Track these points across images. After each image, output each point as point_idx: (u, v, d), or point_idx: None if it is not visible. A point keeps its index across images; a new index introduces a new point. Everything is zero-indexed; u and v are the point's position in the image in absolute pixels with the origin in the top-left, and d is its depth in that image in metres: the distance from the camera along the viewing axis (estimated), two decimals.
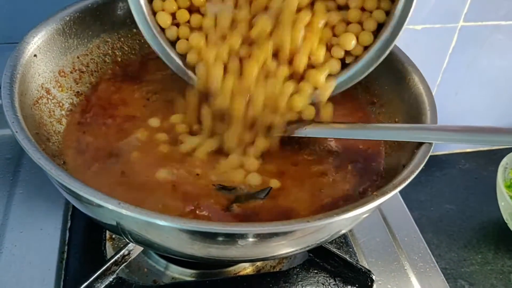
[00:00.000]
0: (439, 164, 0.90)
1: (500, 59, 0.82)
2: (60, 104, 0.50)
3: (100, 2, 0.54)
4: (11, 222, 0.54)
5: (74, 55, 0.53)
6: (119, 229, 0.38)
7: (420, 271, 0.55)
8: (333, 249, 0.52)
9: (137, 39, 0.57)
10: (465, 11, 0.74)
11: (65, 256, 0.52)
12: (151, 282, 0.51)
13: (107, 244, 0.53)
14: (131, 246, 0.49)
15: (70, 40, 0.52)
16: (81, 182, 0.36)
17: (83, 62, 0.54)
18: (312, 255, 0.53)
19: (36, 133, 0.44)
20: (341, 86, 0.50)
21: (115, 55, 0.57)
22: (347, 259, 0.52)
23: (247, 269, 0.53)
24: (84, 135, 0.49)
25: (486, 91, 0.86)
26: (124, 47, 0.57)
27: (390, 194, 0.38)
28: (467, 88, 0.85)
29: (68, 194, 0.39)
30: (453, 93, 0.85)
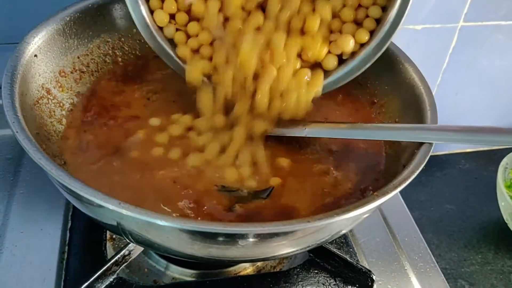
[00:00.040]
0: (439, 164, 0.90)
1: (500, 59, 0.82)
2: (61, 104, 0.50)
3: (100, 2, 0.54)
4: (12, 222, 0.54)
5: (75, 55, 0.53)
6: (119, 229, 0.38)
7: (420, 271, 0.55)
8: (333, 249, 0.52)
9: (137, 39, 0.57)
10: (465, 11, 0.74)
11: (65, 256, 0.52)
12: (151, 282, 0.51)
13: (107, 244, 0.53)
14: (132, 246, 0.49)
15: (71, 40, 0.52)
16: (81, 182, 0.36)
17: (83, 62, 0.54)
18: (312, 255, 0.53)
19: (37, 133, 0.44)
20: (338, 81, 0.50)
21: (115, 55, 0.57)
22: (348, 259, 0.52)
23: (247, 269, 0.53)
24: (85, 135, 0.49)
25: (486, 91, 0.86)
26: (124, 47, 0.57)
27: (391, 194, 0.38)
28: (467, 88, 0.85)
29: (68, 194, 0.39)
30: (453, 93, 0.85)
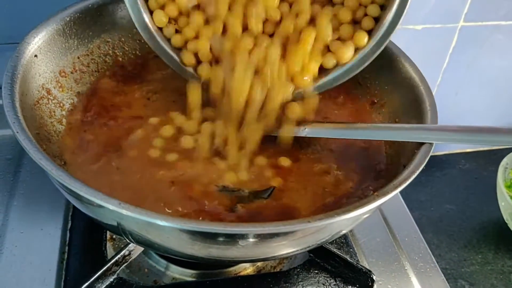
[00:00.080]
0: (439, 164, 0.91)
1: (500, 59, 0.82)
2: (61, 104, 0.50)
3: (100, 3, 0.54)
4: (12, 222, 0.54)
5: (75, 55, 0.53)
6: (119, 229, 0.38)
7: (420, 271, 0.55)
8: (333, 249, 0.52)
9: (137, 39, 0.57)
10: (465, 11, 0.74)
11: (65, 256, 0.52)
12: (151, 282, 0.51)
13: (107, 245, 0.53)
14: (132, 246, 0.49)
15: (71, 41, 0.52)
16: (81, 182, 0.36)
17: (83, 62, 0.54)
18: (312, 255, 0.53)
19: (37, 133, 0.44)
20: (337, 80, 0.50)
21: (115, 55, 0.57)
22: (348, 259, 0.52)
23: (247, 269, 0.53)
24: (85, 135, 0.49)
25: (486, 91, 0.86)
26: (124, 47, 0.57)
27: (391, 194, 0.38)
28: (467, 88, 0.85)
29: (68, 195, 0.39)
30: (453, 93, 0.85)
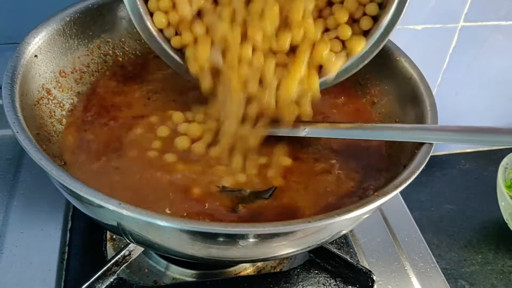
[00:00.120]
0: (439, 164, 0.91)
1: (500, 59, 0.82)
2: (61, 104, 0.50)
3: (100, 3, 0.54)
4: (12, 222, 0.54)
5: (75, 55, 0.53)
6: (119, 229, 0.38)
7: (420, 271, 0.55)
8: (333, 249, 0.52)
9: (137, 39, 0.57)
10: (465, 11, 0.74)
11: (65, 256, 0.52)
12: (151, 282, 0.51)
13: (107, 245, 0.53)
14: (132, 246, 0.49)
15: (71, 41, 0.52)
16: (81, 182, 0.36)
17: (83, 63, 0.54)
18: (312, 255, 0.53)
19: (37, 133, 0.44)
20: (336, 77, 0.49)
21: (115, 55, 0.57)
22: (348, 259, 0.52)
23: (247, 269, 0.53)
24: (85, 135, 0.49)
25: (486, 91, 0.86)
26: (124, 47, 0.57)
27: (391, 194, 0.38)
28: (467, 88, 0.85)
29: (68, 195, 0.39)
30: (453, 93, 0.85)
